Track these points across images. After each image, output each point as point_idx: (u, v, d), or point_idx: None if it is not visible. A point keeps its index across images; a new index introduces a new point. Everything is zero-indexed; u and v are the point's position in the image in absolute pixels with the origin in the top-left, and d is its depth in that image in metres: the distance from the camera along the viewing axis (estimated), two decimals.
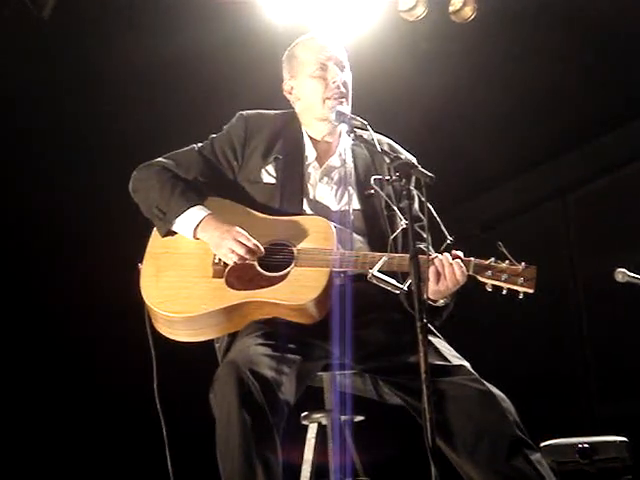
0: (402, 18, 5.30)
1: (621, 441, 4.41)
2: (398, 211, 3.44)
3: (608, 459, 4.37)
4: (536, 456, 3.13)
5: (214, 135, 3.65)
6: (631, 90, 6.05)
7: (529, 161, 7.01)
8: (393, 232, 3.43)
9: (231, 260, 3.33)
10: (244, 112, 3.66)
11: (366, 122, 3.39)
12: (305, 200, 3.52)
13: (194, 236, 3.40)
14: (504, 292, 3.17)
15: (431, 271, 3.18)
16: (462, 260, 3.20)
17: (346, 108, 3.53)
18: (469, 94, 6.12)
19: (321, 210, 3.50)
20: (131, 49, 5.41)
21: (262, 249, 3.34)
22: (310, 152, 3.60)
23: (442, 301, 3.30)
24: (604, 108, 6.28)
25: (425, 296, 3.16)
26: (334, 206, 3.53)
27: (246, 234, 3.34)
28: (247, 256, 3.31)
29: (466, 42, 5.58)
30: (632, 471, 4.35)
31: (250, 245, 3.32)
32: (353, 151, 3.64)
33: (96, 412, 6.30)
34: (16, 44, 5.34)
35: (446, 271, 3.18)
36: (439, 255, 3.21)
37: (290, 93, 3.68)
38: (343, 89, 3.55)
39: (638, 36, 5.58)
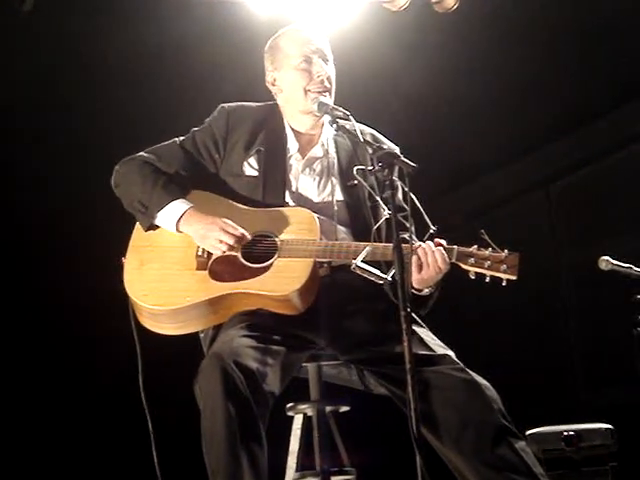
0: (385, 8, 5.29)
1: (606, 428, 4.44)
2: (381, 201, 3.44)
3: (593, 446, 4.39)
4: (521, 444, 3.14)
5: (196, 128, 3.63)
6: (614, 80, 6.06)
7: (513, 151, 7.03)
8: (377, 222, 3.43)
9: (219, 250, 3.33)
10: (225, 105, 3.64)
11: (349, 113, 3.38)
12: (288, 192, 3.51)
13: (177, 229, 3.39)
14: (487, 279, 3.17)
15: (414, 259, 3.18)
16: (445, 248, 3.20)
17: (328, 100, 3.52)
18: (452, 84, 6.11)
19: (304, 202, 3.50)
20: (112, 41, 5.38)
21: (249, 236, 3.34)
22: (292, 144, 3.59)
23: (427, 290, 3.29)
24: (588, 98, 6.30)
25: (409, 286, 3.18)
26: (316, 197, 3.53)
27: (232, 223, 3.34)
28: (236, 245, 3.31)
29: (449, 32, 5.57)
30: (617, 458, 4.38)
31: (237, 234, 3.32)
32: (336, 142, 3.63)
33: (83, 406, 6.32)
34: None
35: (429, 259, 3.18)
36: (422, 244, 3.21)
37: (273, 85, 3.66)
38: (327, 83, 3.54)
39: (624, 25, 5.58)
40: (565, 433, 4.41)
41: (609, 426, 4.45)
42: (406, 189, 3.04)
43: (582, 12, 5.50)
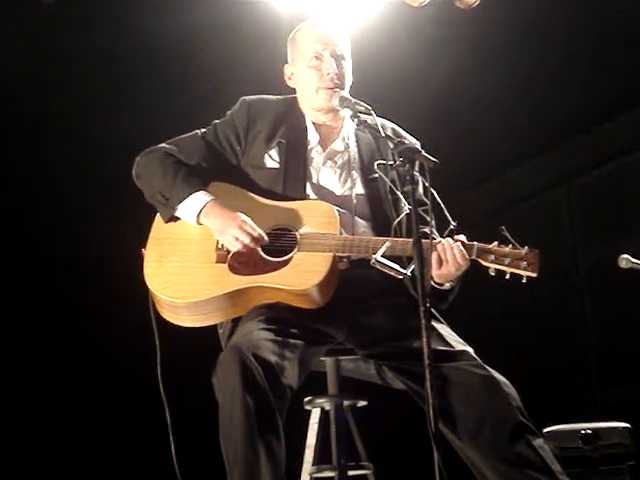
0: (406, 3, 5.28)
1: (624, 427, 4.42)
2: (402, 196, 3.44)
3: (611, 445, 4.37)
4: (539, 441, 3.13)
5: (217, 120, 3.63)
6: (636, 77, 6.03)
7: (533, 148, 7.01)
8: (397, 217, 3.43)
9: (235, 248, 3.33)
10: (247, 97, 3.64)
11: (370, 107, 3.38)
12: (309, 184, 3.51)
13: (197, 222, 3.39)
14: (507, 276, 3.16)
15: (433, 255, 3.18)
16: (464, 244, 3.20)
17: (347, 94, 3.52)
18: (473, 80, 6.10)
19: (325, 194, 3.49)
20: (132, 33, 5.38)
21: (266, 238, 3.34)
22: (313, 136, 3.58)
23: (448, 284, 3.30)
24: (608, 95, 6.27)
25: (430, 281, 3.18)
26: (338, 190, 3.53)
27: (251, 222, 3.34)
28: (251, 245, 3.31)
29: (470, 27, 5.56)
30: (635, 457, 4.36)
31: (255, 234, 3.32)
32: (357, 136, 3.63)
33: (100, 397, 6.33)
34: (18, 29, 5.33)
35: (447, 255, 3.17)
36: (442, 240, 3.20)
37: (290, 79, 3.68)
38: (337, 80, 3.52)
39: None
40: (583, 431, 4.39)
41: (627, 425, 4.43)
42: (427, 184, 3.03)
43: (602, 10, 5.48)
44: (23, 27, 5.34)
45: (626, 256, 4.14)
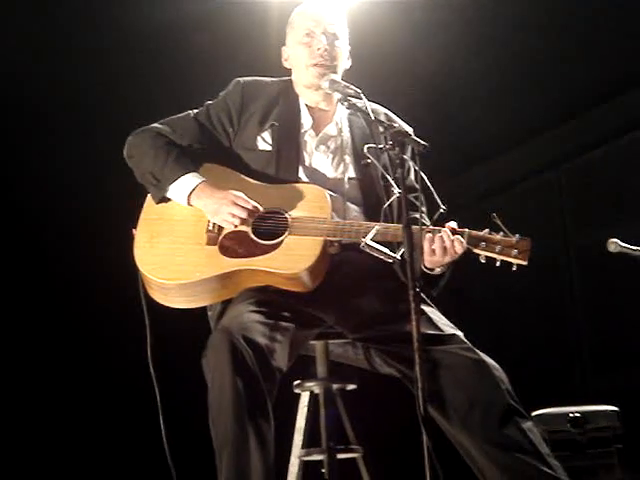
0: None
1: (612, 410, 4.44)
2: (393, 182, 3.43)
3: (599, 428, 4.40)
4: (528, 424, 3.14)
5: (210, 101, 3.63)
6: (626, 61, 6.03)
7: (523, 132, 7.00)
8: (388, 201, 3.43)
9: (232, 225, 3.32)
10: (241, 79, 3.63)
11: (360, 90, 3.37)
12: (301, 168, 3.50)
13: (188, 203, 3.39)
14: (498, 264, 3.16)
15: (426, 243, 3.18)
16: (456, 231, 3.20)
17: (337, 77, 3.51)
18: (464, 65, 6.10)
19: (317, 178, 3.49)
20: (125, 17, 5.38)
21: (261, 209, 3.34)
22: (306, 120, 3.58)
23: (438, 269, 3.30)
24: (599, 79, 6.27)
25: (421, 265, 3.19)
26: (330, 174, 3.52)
27: (243, 195, 3.34)
28: (249, 218, 3.31)
29: (461, 12, 5.56)
30: (623, 440, 4.39)
31: (250, 207, 3.32)
32: (350, 120, 3.62)
33: (97, 388, 6.33)
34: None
35: (446, 244, 3.17)
36: (441, 229, 3.20)
37: (286, 60, 3.67)
38: (327, 57, 3.51)
39: (636, 7, 5.56)
40: (571, 415, 4.42)
41: (615, 408, 4.45)
42: (417, 168, 3.03)
43: None
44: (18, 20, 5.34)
45: (615, 240, 4.13)
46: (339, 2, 4.99)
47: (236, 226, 3.32)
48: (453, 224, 3.23)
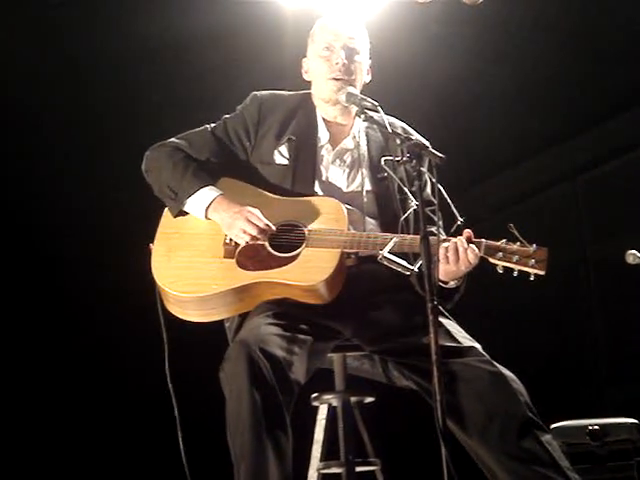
0: (412, 1, 5.28)
1: (632, 423, 4.42)
2: (410, 195, 3.43)
3: (618, 441, 4.38)
4: (547, 437, 3.12)
5: (227, 116, 3.64)
6: None
7: (540, 143, 7.00)
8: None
9: (243, 240, 3.33)
10: (258, 93, 3.64)
11: (377, 103, 3.37)
12: (317, 182, 3.50)
13: (205, 216, 3.40)
14: (515, 274, 3.16)
15: (441, 252, 3.18)
16: (472, 240, 3.20)
17: (354, 90, 3.51)
18: (479, 77, 6.10)
19: (333, 192, 3.49)
20: (140, 31, 5.40)
21: (273, 227, 3.34)
22: (323, 134, 3.58)
23: (453, 283, 3.29)
24: (616, 90, 6.26)
25: (436, 277, 3.18)
26: (346, 187, 3.52)
27: (258, 213, 3.34)
28: (259, 236, 3.32)
29: (477, 25, 5.56)
30: None
31: (262, 225, 3.32)
32: (367, 134, 3.62)
33: (108, 389, 6.34)
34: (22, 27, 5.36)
35: (460, 253, 3.17)
36: (453, 239, 3.20)
37: (306, 72, 3.68)
38: (346, 72, 3.51)
39: None
40: (590, 427, 4.40)
41: (635, 421, 4.43)
42: (434, 180, 3.03)
43: (606, 5, 5.48)
44: (28, 27, 5.35)
45: (633, 251, 4.13)
46: (357, 17, 5.05)
47: (247, 242, 3.33)
48: (470, 232, 3.22)
